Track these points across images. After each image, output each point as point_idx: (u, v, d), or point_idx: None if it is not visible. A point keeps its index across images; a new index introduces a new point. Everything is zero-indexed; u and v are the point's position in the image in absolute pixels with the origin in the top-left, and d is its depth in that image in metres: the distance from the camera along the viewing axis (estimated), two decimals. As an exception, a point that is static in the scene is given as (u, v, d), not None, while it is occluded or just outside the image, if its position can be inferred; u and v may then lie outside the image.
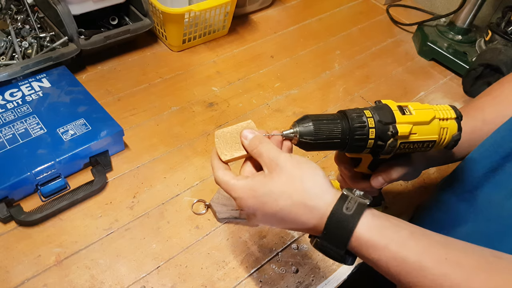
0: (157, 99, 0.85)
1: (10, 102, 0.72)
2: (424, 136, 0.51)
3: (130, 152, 0.74)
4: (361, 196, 0.42)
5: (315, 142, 0.49)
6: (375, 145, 0.50)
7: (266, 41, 1.04)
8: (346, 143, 0.50)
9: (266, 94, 0.90)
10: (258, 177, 0.43)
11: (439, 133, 0.52)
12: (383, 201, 0.66)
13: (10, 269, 0.57)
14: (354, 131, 0.49)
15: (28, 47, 0.82)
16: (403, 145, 0.51)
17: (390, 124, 0.49)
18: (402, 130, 0.49)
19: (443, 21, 1.11)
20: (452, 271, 0.37)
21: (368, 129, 0.49)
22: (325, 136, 0.49)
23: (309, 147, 0.49)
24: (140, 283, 0.58)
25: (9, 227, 0.62)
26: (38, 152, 0.65)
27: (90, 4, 0.85)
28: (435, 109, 0.52)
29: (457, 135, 0.52)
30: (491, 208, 0.53)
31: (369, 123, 0.49)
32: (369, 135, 0.49)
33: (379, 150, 0.51)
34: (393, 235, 0.40)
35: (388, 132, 0.49)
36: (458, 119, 0.52)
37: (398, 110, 0.50)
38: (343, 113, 0.50)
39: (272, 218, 0.43)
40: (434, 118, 0.51)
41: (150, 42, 0.97)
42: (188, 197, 0.69)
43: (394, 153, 0.52)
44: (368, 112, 0.50)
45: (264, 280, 0.61)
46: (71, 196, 0.64)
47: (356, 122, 0.49)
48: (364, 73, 1.00)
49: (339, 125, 0.49)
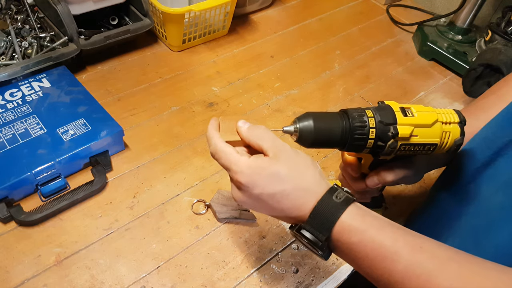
0: (157, 99, 0.85)
1: (10, 102, 0.72)
2: (425, 139, 0.51)
3: (130, 152, 0.74)
4: (348, 192, 0.44)
5: (315, 139, 0.49)
6: (375, 145, 0.50)
7: (266, 41, 1.04)
8: (346, 142, 0.50)
9: (266, 94, 0.90)
10: (264, 158, 0.44)
11: (441, 136, 0.51)
12: (384, 203, 0.66)
13: (10, 269, 0.57)
14: (354, 130, 0.49)
15: (28, 47, 0.82)
16: (404, 147, 0.51)
17: (391, 125, 0.49)
18: (402, 132, 0.49)
19: (443, 21, 1.11)
20: (425, 260, 0.39)
21: (369, 129, 0.49)
22: (325, 134, 0.49)
23: (308, 144, 0.50)
24: (140, 283, 0.58)
25: (9, 227, 0.62)
26: (38, 152, 0.65)
27: (90, 4, 0.85)
28: (438, 112, 0.51)
29: (459, 140, 0.52)
30: (480, 202, 0.54)
31: (370, 123, 0.49)
32: (369, 135, 0.49)
33: (379, 150, 0.51)
34: (373, 221, 0.42)
35: (389, 133, 0.49)
36: (462, 123, 0.52)
37: (400, 112, 0.50)
38: (345, 112, 0.50)
39: (268, 199, 0.43)
40: (437, 122, 0.51)
41: (150, 42, 0.97)
42: (188, 197, 0.69)
43: (395, 155, 0.52)
44: (370, 112, 0.50)
45: (264, 280, 0.61)
46: (71, 196, 0.64)
47: (357, 121, 0.49)
48: (364, 73, 1.00)
49: (340, 123, 0.49)
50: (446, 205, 0.60)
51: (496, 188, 0.52)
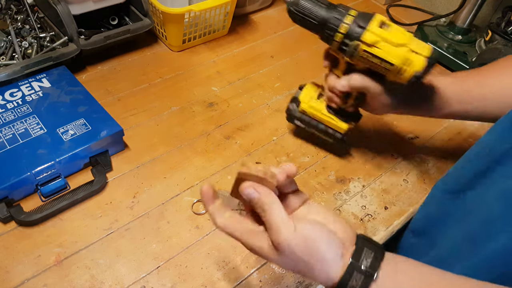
0: (157, 99, 0.85)
1: (10, 102, 0.72)
2: (386, 56, 0.55)
3: (130, 152, 0.74)
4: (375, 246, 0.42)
5: (297, 14, 0.59)
6: (343, 42, 0.57)
7: (266, 41, 1.04)
8: (322, 27, 0.58)
9: (266, 94, 0.90)
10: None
11: (403, 61, 0.54)
12: (361, 116, 0.73)
13: (10, 269, 0.57)
14: (330, 19, 0.57)
15: (28, 47, 0.82)
16: (364, 54, 0.56)
17: (362, 28, 0.55)
18: (367, 37, 0.55)
19: (443, 21, 1.11)
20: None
21: (342, 23, 0.56)
22: (306, 12, 0.58)
23: (293, 18, 0.60)
24: (140, 283, 0.58)
25: (9, 227, 0.62)
26: (38, 152, 0.65)
27: (90, 4, 0.85)
28: (414, 40, 0.55)
29: (419, 73, 0.55)
30: (480, 209, 0.53)
31: (346, 19, 0.56)
32: (339, 28, 0.56)
33: (345, 48, 0.57)
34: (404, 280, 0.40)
35: (356, 33, 0.55)
36: (430, 59, 0.54)
37: (378, 22, 0.56)
38: (334, 5, 0.58)
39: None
40: (405, 46, 0.54)
41: (150, 42, 0.97)
42: (188, 197, 0.69)
43: (357, 59, 0.57)
44: (354, 12, 0.56)
45: (264, 280, 0.61)
46: (71, 196, 0.64)
47: (336, 13, 0.57)
48: (364, 73, 1.00)
49: (323, 9, 0.57)
50: (447, 207, 0.60)
51: (496, 197, 0.51)
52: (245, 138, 0.80)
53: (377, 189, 0.75)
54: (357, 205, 0.72)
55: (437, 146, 0.85)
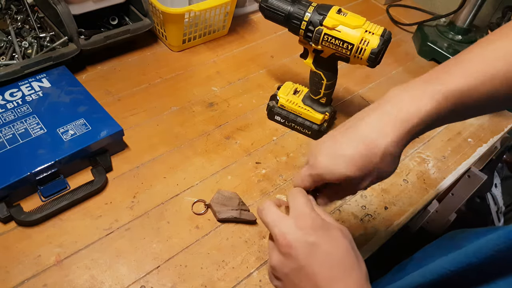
0: (157, 99, 0.85)
1: (10, 102, 0.72)
2: (345, 37, 0.66)
3: (130, 152, 0.74)
4: None
5: (267, 9, 0.71)
6: (308, 29, 0.68)
7: (266, 41, 1.04)
8: (289, 19, 0.69)
9: (266, 94, 0.90)
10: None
11: (360, 40, 0.65)
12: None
13: (10, 269, 0.57)
14: (295, 12, 0.69)
15: (28, 47, 0.82)
16: (327, 37, 0.67)
17: (323, 15, 0.67)
18: (328, 22, 0.66)
19: (443, 21, 1.11)
20: None
21: (306, 13, 0.68)
22: (274, 8, 0.70)
23: (264, 14, 0.72)
24: (140, 283, 0.58)
25: (9, 227, 0.62)
26: (38, 152, 0.65)
27: (90, 4, 0.85)
28: (368, 23, 0.66)
29: (375, 49, 0.64)
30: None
31: (308, 10, 0.68)
32: (304, 17, 0.68)
33: (310, 35, 0.68)
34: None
35: (318, 20, 0.67)
36: (383, 37, 0.64)
37: (335, 9, 0.67)
38: (298, 1, 0.69)
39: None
40: (360, 27, 0.65)
41: (150, 42, 0.97)
42: (188, 197, 0.69)
43: (322, 44, 0.68)
44: (314, 4, 0.68)
45: (264, 280, 0.61)
46: (71, 196, 0.64)
47: (300, 6, 0.68)
48: (364, 72, 1.00)
49: (288, 4, 0.69)
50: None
51: None
52: (245, 138, 0.80)
53: (377, 189, 0.75)
54: (357, 205, 0.72)
55: (437, 146, 0.85)
